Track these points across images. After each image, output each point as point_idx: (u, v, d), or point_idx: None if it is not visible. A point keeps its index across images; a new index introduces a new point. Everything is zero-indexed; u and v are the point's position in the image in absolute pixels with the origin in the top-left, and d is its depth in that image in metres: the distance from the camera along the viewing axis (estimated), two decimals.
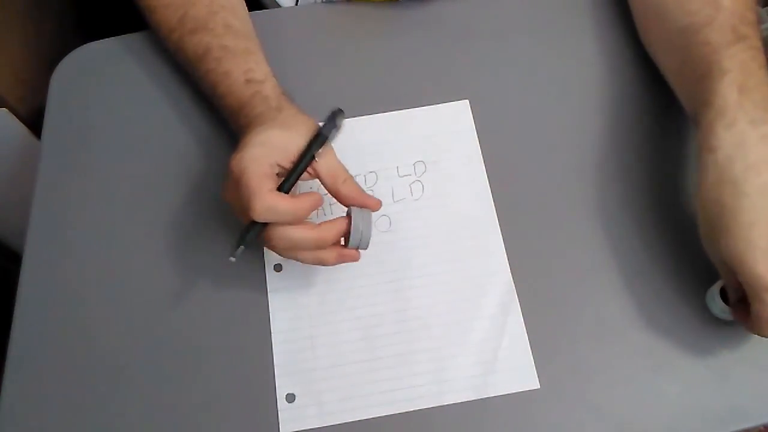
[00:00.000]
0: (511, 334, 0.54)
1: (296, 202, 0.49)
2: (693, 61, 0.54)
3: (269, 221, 0.48)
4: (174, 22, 0.61)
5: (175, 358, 0.55)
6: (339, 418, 0.52)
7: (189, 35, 0.60)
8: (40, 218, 0.61)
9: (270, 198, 0.47)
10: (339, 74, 0.66)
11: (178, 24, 0.61)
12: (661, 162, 0.60)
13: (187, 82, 0.64)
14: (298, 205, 0.49)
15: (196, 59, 0.59)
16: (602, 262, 0.57)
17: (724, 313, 0.54)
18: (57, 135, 0.65)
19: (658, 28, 0.60)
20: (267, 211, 0.47)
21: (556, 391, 0.53)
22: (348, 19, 0.68)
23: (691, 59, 0.54)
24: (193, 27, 0.60)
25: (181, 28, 0.61)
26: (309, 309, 0.56)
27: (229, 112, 0.57)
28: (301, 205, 0.49)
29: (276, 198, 0.48)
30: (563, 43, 0.66)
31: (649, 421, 0.52)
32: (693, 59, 0.54)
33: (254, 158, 0.49)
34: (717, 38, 0.52)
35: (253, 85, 0.56)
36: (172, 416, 0.53)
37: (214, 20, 0.60)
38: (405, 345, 0.54)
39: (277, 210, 0.48)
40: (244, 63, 0.58)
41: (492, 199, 0.59)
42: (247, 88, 0.56)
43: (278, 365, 0.54)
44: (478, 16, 0.68)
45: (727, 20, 0.53)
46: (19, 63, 0.78)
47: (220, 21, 0.60)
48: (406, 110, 0.63)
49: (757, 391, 0.53)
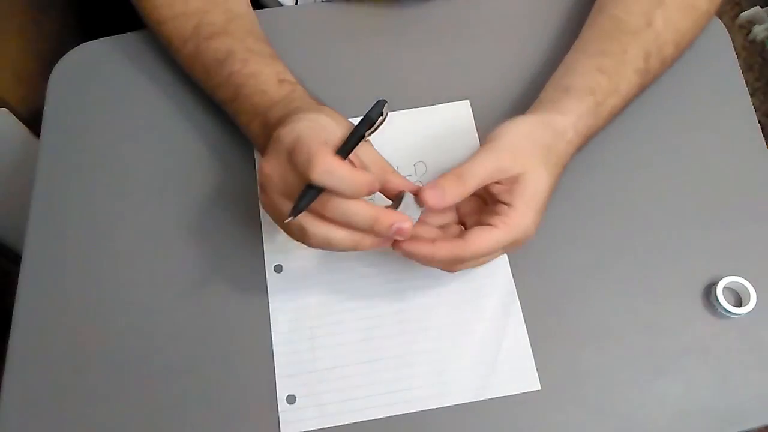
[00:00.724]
0: (511, 336, 0.54)
1: (356, 172, 0.45)
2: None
3: (327, 186, 0.45)
4: (188, 31, 0.60)
5: (175, 359, 0.55)
6: (339, 420, 0.52)
7: (207, 41, 0.59)
8: (39, 218, 0.61)
9: (331, 160, 0.44)
10: (339, 74, 0.66)
11: (193, 33, 0.60)
12: (661, 162, 0.60)
13: (188, 82, 0.64)
14: (357, 175, 0.45)
15: (217, 63, 0.58)
16: (602, 262, 0.57)
17: (725, 313, 0.54)
18: (56, 134, 0.65)
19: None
20: (326, 173, 0.44)
21: (557, 393, 0.53)
22: (348, 18, 0.68)
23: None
24: (210, 33, 0.59)
25: (196, 36, 0.60)
26: (309, 310, 0.56)
27: (254, 112, 0.55)
28: (361, 178, 0.45)
29: (337, 161, 0.44)
30: (563, 43, 0.66)
31: (650, 422, 0.52)
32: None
33: (308, 128, 0.47)
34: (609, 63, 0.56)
35: (287, 84, 0.56)
36: (173, 417, 0.53)
37: (234, 26, 0.60)
38: (405, 346, 0.54)
39: (336, 174, 0.44)
40: (274, 65, 0.57)
41: None
42: (281, 87, 0.55)
43: (279, 367, 0.54)
44: (478, 16, 0.68)
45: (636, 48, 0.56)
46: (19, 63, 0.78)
47: (240, 26, 0.60)
48: (406, 110, 0.63)
49: (757, 392, 0.53)
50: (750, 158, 0.60)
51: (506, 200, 0.50)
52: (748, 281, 0.54)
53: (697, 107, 0.62)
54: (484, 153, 0.50)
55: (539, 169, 0.50)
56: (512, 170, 0.50)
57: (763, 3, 1.43)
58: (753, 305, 0.54)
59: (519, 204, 0.49)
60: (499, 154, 0.50)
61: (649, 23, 0.57)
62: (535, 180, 0.50)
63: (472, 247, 0.48)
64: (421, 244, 0.49)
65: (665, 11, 0.57)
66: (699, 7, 0.59)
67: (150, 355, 0.55)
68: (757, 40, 1.44)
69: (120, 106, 0.66)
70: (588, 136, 0.55)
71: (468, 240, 0.48)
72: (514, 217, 0.49)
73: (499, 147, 0.50)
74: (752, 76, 1.43)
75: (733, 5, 1.49)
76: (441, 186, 0.49)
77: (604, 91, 0.55)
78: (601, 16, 0.60)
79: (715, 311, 0.55)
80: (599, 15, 0.60)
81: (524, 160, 0.50)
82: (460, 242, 0.48)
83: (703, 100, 0.62)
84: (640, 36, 0.56)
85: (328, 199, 0.46)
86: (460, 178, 0.49)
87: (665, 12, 0.57)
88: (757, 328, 0.54)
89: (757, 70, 1.43)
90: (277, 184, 0.47)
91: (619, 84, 0.55)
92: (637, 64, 0.56)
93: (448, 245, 0.48)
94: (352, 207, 0.46)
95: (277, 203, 0.48)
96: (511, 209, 0.49)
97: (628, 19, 0.57)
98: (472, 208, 0.53)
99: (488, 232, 0.49)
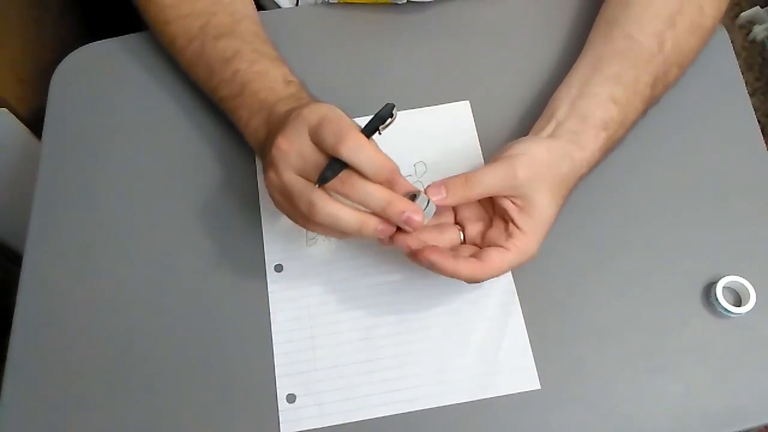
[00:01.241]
0: (511, 335, 0.54)
1: (382, 154, 0.47)
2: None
3: (354, 161, 0.46)
4: (194, 30, 0.61)
5: (175, 358, 0.55)
6: (339, 419, 0.52)
7: (214, 41, 0.59)
8: (40, 218, 0.61)
9: (361, 137, 0.46)
10: (339, 75, 0.66)
11: (199, 32, 0.60)
12: (661, 161, 0.60)
13: (189, 83, 0.64)
14: (382, 157, 0.47)
15: (223, 62, 0.59)
16: (602, 262, 0.57)
17: (724, 312, 0.54)
18: (57, 135, 0.65)
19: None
20: (356, 149, 0.45)
21: (557, 392, 0.53)
22: (348, 20, 0.68)
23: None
24: (218, 33, 0.60)
25: (203, 35, 0.60)
26: (309, 309, 0.56)
27: (259, 107, 0.56)
28: (385, 160, 0.47)
29: (365, 140, 0.46)
30: (564, 43, 0.66)
31: (650, 421, 0.52)
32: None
33: (332, 110, 0.48)
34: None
35: (293, 85, 0.57)
36: (173, 416, 0.53)
37: (240, 28, 0.60)
38: (405, 345, 0.54)
39: (364, 151, 0.46)
40: (280, 68, 0.58)
41: None
42: (289, 86, 0.56)
43: (279, 365, 0.54)
44: (478, 16, 0.68)
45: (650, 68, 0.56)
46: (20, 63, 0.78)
47: (247, 29, 0.60)
48: (406, 111, 0.63)
49: (757, 391, 0.53)
50: (750, 158, 0.60)
51: (517, 222, 0.50)
52: (747, 281, 0.54)
53: (697, 107, 0.62)
54: (498, 165, 0.51)
55: (552, 198, 0.51)
56: (523, 190, 0.50)
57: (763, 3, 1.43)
58: (752, 305, 0.54)
59: (530, 229, 0.50)
60: (513, 171, 0.50)
61: (661, 48, 0.56)
62: (547, 207, 0.51)
63: (489, 270, 0.50)
64: (445, 258, 0.49)
65: (675, 32, 0.57)
66: (706, 25, 0.59)
67: (150, 354, 0.55)
68: (757, 40, 1.44)
69: (122, 107, 0.66)
70: (592, 169, 0.55)
71: (485, 263, 0.50)
72: (525, 242, 0.50)
73: (516, 164, 0.50)
74: (752, 76, 1.43)
75: (733, 5, 1.49)
76: (446, 184, 0.50)
77: (615, 124, 0.55)
78: (614, 30, 0.58)
79: (714, 311, 0.55)
80: (613, 28, 0.59)
81: (539, 185, 0.50)
82: (479, 264, 0.50)
83: (703, 100, 0.62)
84: (651, 63, 0.56)
85: (349, 175, 0.47)
86: (467, 182, 0.50)
87: (675, 33, 0.57)
88: (756, 328, 0.54)
89: (757, 70, 1.43)
90: (293, 159, 0.48)
91: (628, 116, 0.56)
92: (645, 92, 0.56)
93: (469, 266, 0.50)
94: (370, 186, 0.47)
95: (289, 181, 0.48)
96: (522, 234, 0.50)
97: (643, 40, 0.56)
98: (473, 214, 0.54)
99: (502, 255, 0.50)
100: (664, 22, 0.57)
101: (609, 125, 0.54)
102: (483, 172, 0.50)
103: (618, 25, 0.58)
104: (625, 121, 0.56)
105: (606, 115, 0.54)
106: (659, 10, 0.57)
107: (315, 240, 0.58)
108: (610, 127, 0.54)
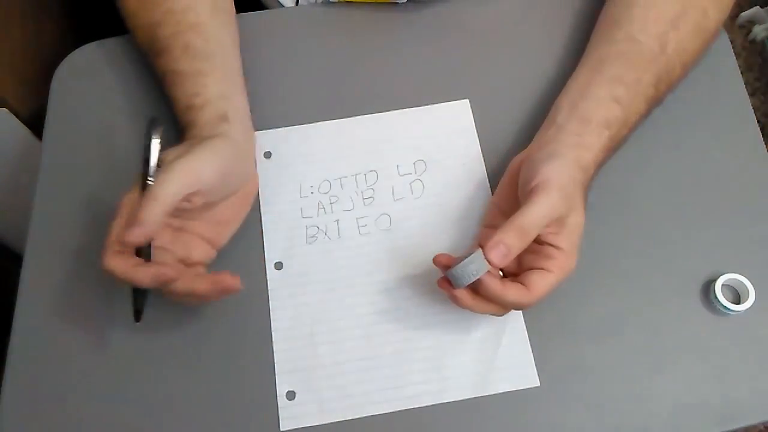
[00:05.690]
0: (511, 332, 0.54)
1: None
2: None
3: None
4: (146, 44, 0.61)
5: (175, 355, 0.55)
6: (339, 416, 0.52)
7: (155, 58, 0.60)
8: (40, 218, 0.61)
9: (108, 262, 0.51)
10: (339, 74, 0.66)
11: (149, 47, 0.61)
12: (661, 161, 0.60)
13: None
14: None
15: (161, 83, 0.60)
16: (601, 259, 0.57)
17: (724, 310, 0.54)
18: (58, 135, 0.65)
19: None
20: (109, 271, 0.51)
21: (556, 390, 0.53)
22: (348, 19, 0.69)
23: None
24: (158, 49, 0.59)
25: (151, 51, 0.60)
26: (309, 307, 0.56)
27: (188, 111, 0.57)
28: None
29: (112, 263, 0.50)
30: (564, 42, 0.66)
31: (649, 418, 0.52)
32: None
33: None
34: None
35: (192, 111, 0.56)
36: (173, 414, 0.53)
37: (175, 42, 0.58)
38: (405, 343, 0.55)
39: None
40: (192, 86, 0.57)
41: None
42: (187, 114, 0.56)
43: (278, 363, 0.54)
44: (478, 15, 0.68)
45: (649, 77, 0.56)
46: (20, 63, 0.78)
47: (180, 43, 0.58)
48: (406, 110, 0.63)
49: (756, 389, 0.53)
50: (749, 158, 0.60)
51: (554, 243, 0.50)
52: (746, 278, 0.54)
53: (697, 107, 0.62)
54: (540, 201, 0.49)
55: (580, 209, 0.51)
56: (564, 215, 0.50)
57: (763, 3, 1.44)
58: (751, 302, 0.54)
59: (567, 246, 0.50)
60: (554, 202, 0.49)
61: (663, 49, 0.56)
62: (578, 220, 0.51)
63: (537, 295, 0.49)
64: (493, 279, 0.48)
65: (678, 34, 0.57)
66: (709, 28, 0.59)
67: (149, 352, 0.55)
68: (757, 40, 1.44)
69: (122, 108, 0.66)
70: (599, 169, 0.55)
71: (531, 288, 0.49)
72: (565, 260, 0.50)
73: (553, 194, 0.49)
74: (752, 76, 1.43)
75: (733, 5, 1.49)
76: (504, 243, 0.48)
77: (618, 123, 0.55)
78: (617, 32, 0.58)
79: (713, 308, 0.55)
80: (615, 30, 0.58)
81: (571, 203, 0.50)
82: (525, 290, 0.49)
83: (703, 100, 0.63)
84: (654, 63, 0.56)
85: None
86: (521, 232, 0.48)
87: (678, 35, 0.57)
88: (755, 325, 0.54)
89: (757, 70, 1.44)
90: None
91: (630, 116, 0.55)
92: (648, 93, 0.56)
93: (517, 291, 0.49)
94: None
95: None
96: (561, 252, 0.50)
97: (645, 41, 0.56)
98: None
99: (546, 278, 0.49)
100: (667, 24, 0.57)
101: (612, 124, 0.54)
102: (530, 214, 0.48)
103: (620, 27, 0.58)
104: (628, 120, 0.55)
105: (609, 114, 0.54)
106: (662, 12, 0.57)
107: (315, 238, 0.58)
108: (613, 125, 0.54)
